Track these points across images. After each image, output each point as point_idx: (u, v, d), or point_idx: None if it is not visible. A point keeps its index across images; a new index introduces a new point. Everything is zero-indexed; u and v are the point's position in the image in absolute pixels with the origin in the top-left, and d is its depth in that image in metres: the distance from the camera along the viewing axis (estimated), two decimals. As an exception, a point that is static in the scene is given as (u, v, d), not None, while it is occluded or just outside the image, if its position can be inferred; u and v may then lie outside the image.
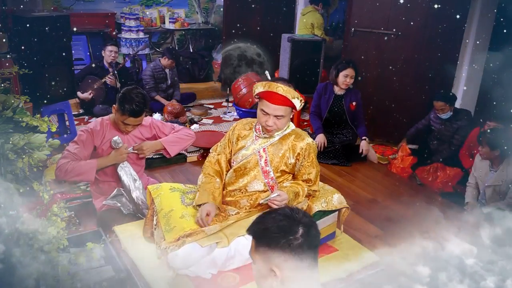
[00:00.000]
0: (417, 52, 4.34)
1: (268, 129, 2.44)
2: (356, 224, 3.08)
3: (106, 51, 5.08)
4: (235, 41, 5.95)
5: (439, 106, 3.90)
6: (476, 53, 4.20)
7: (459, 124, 3.91)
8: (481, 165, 3.32)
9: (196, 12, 7.67)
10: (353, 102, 4.16)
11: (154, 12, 7.20)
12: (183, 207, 2.46)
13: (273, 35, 5.81)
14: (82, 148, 2.77)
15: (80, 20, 6.17)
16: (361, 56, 4.62)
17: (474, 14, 4.08)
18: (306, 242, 1.28)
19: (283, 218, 1.32)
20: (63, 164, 2.65)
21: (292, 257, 1.26)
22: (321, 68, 4.81)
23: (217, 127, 5.11)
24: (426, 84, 4.32)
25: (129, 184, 2.81)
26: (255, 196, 2.52)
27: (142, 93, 2.79)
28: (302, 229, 1.29)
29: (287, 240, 1.27)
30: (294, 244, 1.27)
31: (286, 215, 1.33)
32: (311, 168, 2.53)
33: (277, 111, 2.35)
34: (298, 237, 1.28)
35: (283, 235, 1.28)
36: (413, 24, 4.27)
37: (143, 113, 2.79)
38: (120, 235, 2.66)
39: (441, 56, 4.24)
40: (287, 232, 1.28)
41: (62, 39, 3.89)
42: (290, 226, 1.29)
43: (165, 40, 7.53)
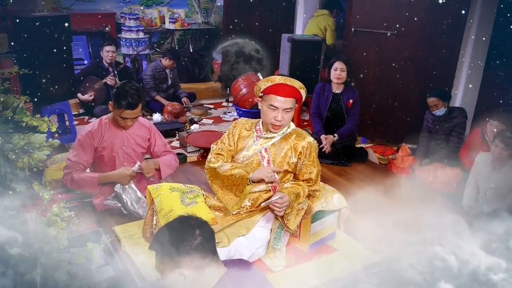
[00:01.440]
0: (417, 51, 4.33)
1: (277, 124, 2.44)
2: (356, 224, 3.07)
3: (103, 51, 5.08)
4: (233, 37, 5.85)
5: (431, 102, 3.90)
6: (477, 53, 4.19)
7: (455, 122, 3.90)
8: (482, 165, 3.30)
9: (196, 12, 7.68)
10: (350, 100, 4.18)
11: (154, 12, 7.20)
12: (183, 207, 2.46)
13: (273, 34, 5.81)
14: (82, 153, 2.81)
15: (80, 20, 6.18)
16: (361, 56, 4.62)
17: (475, 13, 4.08)
18: (203, 240, 1.45)
19: (179, 225, 1.49)
20: (66, 175, 2.80)
21: (195, 257, 1.42)
22: (321, 68, 4.81)
23: (217, 127, 5.11)
24: (427, 84, 4.31)
25: (131, 205, 2.84)
26: (257, 196, 2.52)
27: (135, 85, 2.82)
28: (198, 229, 1.46)
29: (188, 242, 1.42)
30: (195, 244, 1.43)
31: (181, 221, 1.50)
32: (312, 167, 2.53)
33: (286, 103, 2.39)
34: (196, 237, 1.44)
35: (183, 239, 1.43)
36: (413, 23, 4.27)
37: (139, 104, 2.80)
38: (120, 235, 2.67)
39: (441, 55, 4.23)
40: (186, 235, 1.44)
41: (62, 39, 3.89)
42: (187, 230, 1.46)
43: (165, 40, 7.54)
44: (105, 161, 2.91)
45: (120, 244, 2.63)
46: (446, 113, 3.91)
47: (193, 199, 2.53)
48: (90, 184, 2.81)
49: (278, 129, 2.48)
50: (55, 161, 3.47)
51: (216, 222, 2.42)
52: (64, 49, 3.93)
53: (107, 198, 2.89)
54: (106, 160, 2.90)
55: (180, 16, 7.38)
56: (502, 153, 3.11)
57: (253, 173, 2.42)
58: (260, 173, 2.41)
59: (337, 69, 4.12)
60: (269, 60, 5.74)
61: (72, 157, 2.81)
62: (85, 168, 2.88)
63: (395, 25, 4.35)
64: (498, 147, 3.11)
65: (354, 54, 4.66)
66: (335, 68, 4.13)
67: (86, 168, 2.90)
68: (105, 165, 2.91)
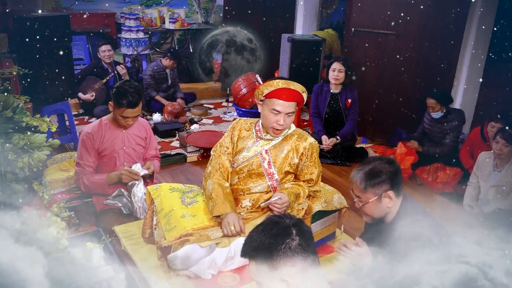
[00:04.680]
0: (417, 51, 4.33)
1: (279, 129, 2.42)
2: (356, 224, 3.07)
3: (99, 51, 5.08)
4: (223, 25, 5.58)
5: (429, 103, 3.92)
6: (477, 53, 4.19)
7: (450, 125, 3.90)
8: (484, 165, 3.31)
9: (196, 12, 7.67)
10: (348, 100, 4.19)
11: (154, 12, 7.20)
12: (184, 207, 2.46)
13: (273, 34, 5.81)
14: (87, 155, 2.86)
15: (80, 20, 6.17)
16: (361, 56, 4.62)
17: (474, 14, 4.08)
18: (303, 240, 1.28)
19: (272, 226, 1.31)
20: (78, 180, 2.88)
21: (296, 259, 1.25)
22: (321, 68, 4.81)
23: (217, 127, 5.11)
24: (426, 84, 4.31)
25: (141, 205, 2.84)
26: (257, 197, 2.51)
27: (135, 84, 2.83)
28: (295, 229, 1.29)
29: (285, 245, 1.26)
30: (294, 245, 1.26)
31: (274, 222, 1.32)
32: (313, 168, 2.53)
33: (289, 108, 2.37)
34: (294, 238, 1.27)
35: (280, 241, 1.26)
36: (413, 24, 4.27)
37: (140, 103, 2.81)
38: (120, 235, 2.67)
39: (441, 55, 4.23)
40: (282, 236, 1.27)
41: (62, 39, 3.89)
42: (283, 230, 1.28)
43: (165, 40, 7.53)
44: (106, 162, 2.91)
45: (120, 244, 2.63)
46: (442, 116, 3.92)
47: (194, 198, 2.53)
48: (100, 186, 2.85)
49: (279, 133, 2.47)
50: (55, 161, 3.47)
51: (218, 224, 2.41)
52: (64, 49, 3.93)
53: (107, 198, 2.89)
54: (107, 160, 2.90)
55: (180, 16, 7.38)
56: (503, 149, 3.13)
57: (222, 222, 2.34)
58: (224, 226, 2.32)
59: (335, 70, 4.12)
60: (265, 55, 5.37)
61: (79, 161, 2.87)
62: (93, 169, 2.90)
63: (395, 25, 4.35)
64: (499, 144, 3.13)
65: (354, 54, 4.66)
66: (333, 69, 4.13)
67: (94, 169, 2.92)
68: (106, 165, 2.91)
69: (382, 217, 1.98)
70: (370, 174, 1.91)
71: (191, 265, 2.27)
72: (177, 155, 4.19)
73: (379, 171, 1.90)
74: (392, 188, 1.90)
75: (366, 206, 1.95)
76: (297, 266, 1.25)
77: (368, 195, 1.92)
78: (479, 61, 4.24)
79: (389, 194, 1.91)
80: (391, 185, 1.90)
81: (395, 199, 1.92)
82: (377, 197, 1.91)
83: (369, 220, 2.02)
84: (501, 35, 4.07)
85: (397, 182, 1.93)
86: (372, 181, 1.90)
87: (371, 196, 1.91)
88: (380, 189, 1.90)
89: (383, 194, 1.90)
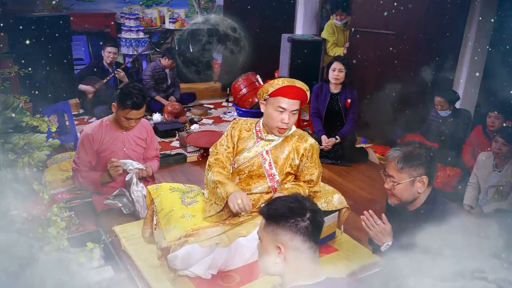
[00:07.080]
0: (417, 51, 4.33)
1: (283, 127, 2.42)
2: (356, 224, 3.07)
3: (105, 51, 5.08)
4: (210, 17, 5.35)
5: (437, 101, 3.93)
6: (476, 53, 4.19)
7: (457, 122, 3.90)
8: (484, 164, 3.31)
9: (196, 12, 7.67)
10: (348, 99, 4.19)
11: (154, 12, 7.20)
12: (184, 207, 2.46)
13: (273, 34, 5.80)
14: (84, 155, 2.88)
15: (80, 20, 6.17)
16: (361, 56, 4.62)
17: (474, 14, 4.08)
18: (311, 226, 1.39)
19: (293, 201, 1.44)
20: (74, 176, 2.93)
21: (297, 237, 1.38)
22: (321, 68, 4.81)
23: (217, 127, 5.11)
24: (426, 84, 4.31)
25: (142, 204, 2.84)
26: (257, 197, 2.51)
27: (139, 85, 2.84)
28: (309, 214, 1.40)
29: (295, 221, 1.38)
30: (301, 225, 1.38)
31: (296, 199, 1.45)
32: (314, 169, 2.53)
33: (294, 105, 2.38)
34: (305, 220, 1.39)
35: (292, 215, 1.39)
36: (413, 24, 4.26)
37: (144, 104, 2.82)
38: (120, 235, 2.67)
39: (441, 55, 4.23)
40: (295, 213, 1.40)
41: (62, 39, 3.88)
42: (299, 209, 1.41)
43: (165, 40, 7.52)
44: (105, 162, 2.90)
45: (120, 244, 2.63)
46: (450, 115, 3.93)
47: (194, 198, 2.53)
48: (92, 183, 2.88)
49: (284, 132, 2.46)
50: (55, 161, 3.47)
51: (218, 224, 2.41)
52: (64, 49, 3.93)
53: (107, 198, 2.89)
54: (107, 160, 2.90)
55: (180, 16, 7.38)
56: (502, 148, 3.14)
57: (229, 197, 2.32)
58: (231, 200, 2.30)
59: (335, 70, 4.12)
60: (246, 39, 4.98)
61: (76, 159, 2.90)
62: (89, 168, 2.92)
63: (395, 26, 4.35)
64: (498, 142, 3.15)
65: (354, 54, 4.66)
66: (333, 69, 4.13)
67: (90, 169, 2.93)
68: (106, 166, 2.91)
69: (409, 201, 1.99)
70: (410, 155, 1.93)
71: (191, 265, 2.27)
72: (177, 155, 4.19)
73: (419, 154, 1.92)
74: (427, 174, 1.92)
75: (397, 187, 1.96)
76: (294, 242, 1.38)
77: (402, 176, 1.93)
78: (479, 61, 4.24)
79: (423, 179, 1.93)
80: (427, 171, 1.92)
81: (426, 186, 1.94)
82: (412, 179, 1.92)
83: (395, 203, 2.03)
84: (501, 35, 4.07)
85: (432, 169, 1.95)
86: (410, 163, 1.92)
87: (405, 177, 1.93)
88: (416, 171, 1.92)
89: (418, 178, 1.92)
